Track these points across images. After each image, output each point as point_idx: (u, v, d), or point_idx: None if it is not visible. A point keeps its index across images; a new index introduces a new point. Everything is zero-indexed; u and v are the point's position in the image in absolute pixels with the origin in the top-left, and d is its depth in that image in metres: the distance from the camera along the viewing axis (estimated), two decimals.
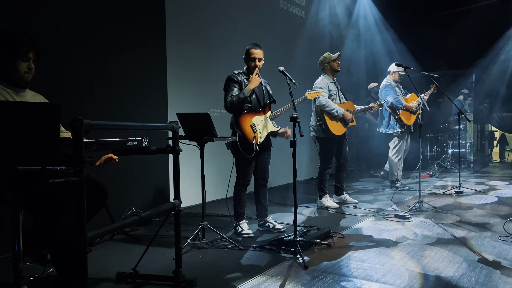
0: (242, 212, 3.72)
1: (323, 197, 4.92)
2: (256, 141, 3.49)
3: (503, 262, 2.84)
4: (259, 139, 3.53)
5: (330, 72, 4.86)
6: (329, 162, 4.91)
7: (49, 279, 2.60)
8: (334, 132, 4.69)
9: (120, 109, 4.16)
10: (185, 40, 4.99)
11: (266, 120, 3.62)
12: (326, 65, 4.85)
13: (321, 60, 4.89)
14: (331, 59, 4.81)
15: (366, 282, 2.52)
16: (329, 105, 4.63)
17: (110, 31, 4.08)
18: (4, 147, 1.62)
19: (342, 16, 8.51)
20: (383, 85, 5.96)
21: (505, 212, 4.39)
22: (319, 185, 4.95)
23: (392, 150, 6.01)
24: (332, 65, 4.82)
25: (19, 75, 2.26)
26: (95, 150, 2.05)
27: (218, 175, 5.27)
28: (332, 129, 4.68)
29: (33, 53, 2.28)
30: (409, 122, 5.83)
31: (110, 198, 2.48)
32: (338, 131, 4.74)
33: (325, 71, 4.88)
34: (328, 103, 4.63)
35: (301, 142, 3.56)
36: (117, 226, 2.15)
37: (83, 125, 1.67)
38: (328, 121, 4.67)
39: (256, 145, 3.47)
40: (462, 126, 8.14)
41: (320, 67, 4.93)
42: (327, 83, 4.77)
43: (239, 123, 3.51)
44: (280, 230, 3.72)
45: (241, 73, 3.67)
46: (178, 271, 2.51)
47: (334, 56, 4.82)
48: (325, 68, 4.87)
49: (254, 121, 3.55)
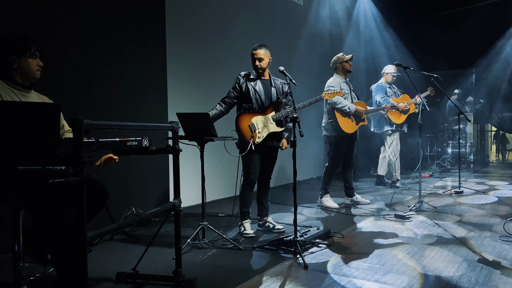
0: (246, 212, 3.72)
1: (323, 196, 4.91)
2: (253, 141, 3.48)
3: (503, 262, 2.84)
4: (257, 139, 3.52)
5: (342, 72, 4.89)
6: (338, 162, 4.88)
7: (49, 279, 2.60)
8: (346, 130, 4.68)
9: (120, 109, 4.15)
10: (185, 40, 4.99)
11: (268, 120, 3.59)
12: (338, 65, 4.89)
13: (334, 60, 4.92)
14: (344, 60, 4.85)
15: (366, 282, 2.52)
16: (340, 102, 4.66)
17: (110, 31, 4.08)
18: (4, 147, 1.62)
19: (342, 16, 8.51)
20: (375, 86, 6.11)
21: (505, 212, 4.39)
22: (323, 185, 4.92)
23: (388, 149, 6.05)
24: (344, 66, 4.86)
25: (32, 72, 2.34)
26: (95, 150, 2.05)
27: (218, 175, 5.27)
28: (344, 127, 4.67)
29: (38, 50, 2.36)
30: (399, 121, 5.90)
31: (110, 198, 2.48)
32: (350, 129, 4.73)
33: (337, 70, 4.91)
34: (339, 100, 4.65)
35: (302, 142, 3.57)
36: (117, 226, 2.15)
37: (83, 125, 1.67)
38: (340, 119, 4.67)
39: (253, 144, 3.46)
40: (462, 126, 8.14)
41: (333, 66, 4.96)
42: (339, 82, 4.80)
43: (237, 122, 3.53)
44: (280, 230, 3.72)
45: (246, 75, 3.67)
46: (178, 271, 2.51)
47: (348, 57, 4.86)
48: (337, 68, 4.91)
49: (253, 120, 3.54)
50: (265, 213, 3.82)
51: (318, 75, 7.49)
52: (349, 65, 4.88)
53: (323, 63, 7.77)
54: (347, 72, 4.92)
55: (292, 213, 3.11)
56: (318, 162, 7.72)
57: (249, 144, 3.45)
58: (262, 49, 3.62)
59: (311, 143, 6.90)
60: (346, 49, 8.25)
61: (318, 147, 7.37)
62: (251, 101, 3.60)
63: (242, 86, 3.62)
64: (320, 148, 7.60)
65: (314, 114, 6.78)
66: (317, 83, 7.33)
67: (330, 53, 7.99)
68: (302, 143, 4.17)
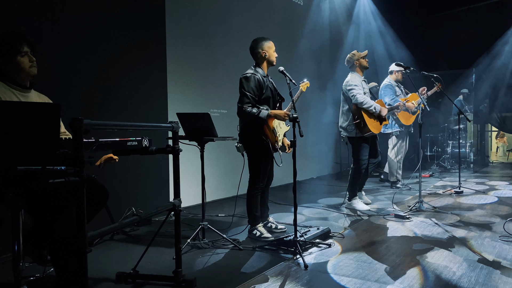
0: (258, 216, 3.60)
1: (352, 198, 4.71)
2: (277, 145, 3.44)
3: (503, 262, 2.84)
4: (280, 143, 3.48)
5: (360, 69, 4.69)
6: (365, 162, 4.67)
7: (49, 279, 2.60)
8: (373, 130, 4.53)
9: (120, 109, 4.15)
10: (185, 40, 4.99)
11: (280, 122, 3.53)
12: (355, 62, 4.66)
13: (350, 58, 4.71)
14: (360, 56, 4.66)
15: (366, 282, 2.52)
16: (367, 101, 4.48)
17: (110, 31, 4.08)
18: (4, 147, 1.62)
19: (342, 16, 8.52)
20: (383, 85, 5.93)
21: (505, 212, 4.39)
22: (352, 187, 4.71)
23: (391, 150, 6.02)
24: (361, 62, 4.66)
25: (27, 70, 2.31)
26: (95, 150, 2.05)
27: (218, 175, 5.27)
28: (371, 127, 4.51)
29: (26, 45, 2.31)
30: (408, 122, 5.78)
31: (110, 198, 2.48)
32: (376, 129, 4.60)
33: (354, 68, 4.69)
34: (365, 99, 4.48)
35: (304, 143, 3.57)
36: (117, 226, 2.15)
37: (83, 125, 1.67)
38: (367, 120, 4.49)
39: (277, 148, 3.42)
40: (462, 126, 8.14)
41: (348, 65, 4.74)
42: (360, 81, 4.62)
43: (265, 131, 3.37)
44: (281, 230, 3.71)
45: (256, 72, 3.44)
46: (178, 271, 2.51)
47: (364, 54, 4.69)
48: (354, 66, 4.69)
49: (274, 124, 3.44)
50: (267, 213, 3.81)
51: (318, 75, 7.50)
52: (366, 61, 4.69)
53: (323, 63, 7.78)
54: (364, 69, 4.72)
55: (292, 213, 3.11)
56: (320, 162, 7.73)
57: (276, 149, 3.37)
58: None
59: (310, 143, 6.91)
60: (346, 49, 8.26)
61: (318, 147, 7.38)
62: (269, 102, 3.44)
63: (263, 85, 3.39)
64: (321, 148, 7.61)
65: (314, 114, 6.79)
66: (317, 84, 7.34)
67: (330, 53, 8.04)
68: (302, 143, 4.18)
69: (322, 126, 7.46)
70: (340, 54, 8.09)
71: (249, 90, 3.32)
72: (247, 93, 3.31)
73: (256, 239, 3.49)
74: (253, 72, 3.40)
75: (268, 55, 3.50)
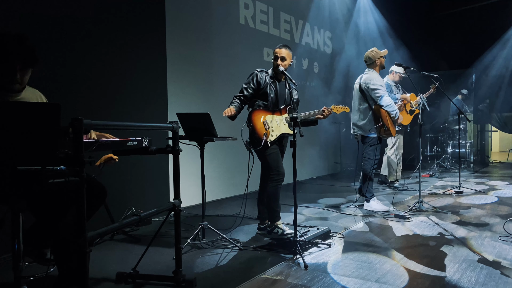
0: (279, 211, 3.60)
1: (371, 200, 4.59)
2: (267, 138, 3.46)
3: (503, 262, 2.84)
4: (271, 137, 3.50)
5: (379, 68, 4.62)
6: (377, 162, 4.63)
7: (49, 279, 2.60)
8: (393, 133, 4.51)
9: (120, 109, 4.15)
10: (185, 40, 4.99)
11: (282, 121, 3.57)
12: (377, 60, 4.57)
13: (372, 55, 4.59)
14: (381, 55, 4.58)
15: (366, 282, 2.52)
16: (392, 105, 4.41)
17: (110, 31, 4.08)
18: (4, 147, 1.62)
19: (342, 16, 8.51)
20: None
21: (505, 212, 4.39)
22: (367, 187, 4.59)
23: (390, 149, 6.03)
24: (382, 61, 4.61)
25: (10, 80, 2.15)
26: (95, 150, 2.06)
27: (218, 175, 5.27)
28: (391, 129, 4.47)
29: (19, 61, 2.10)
30: (406, 122, 5.75)
31: (110, 198, 2.48)
32: (394, 132, 4.56)
33: (373, 66, 4.59)
34: (392, 103, 4.41)
35: (303, 143, 3.57)
36: (117, 226, 2.15)
37: (83, 125, 1.67)
38: (390, 123, 4.45)
39: (266, 141, 3.43)
40: (462, 126, 8.14)
41: (369, 62, 4.62)
42: (383, 81, 4.51)
43: (252, 118, 3.50)
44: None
45: (265, 72, 3.61)
46: (178, 271, 2.51)
47: (384, 53, 4.62)
48: (374, 63, 4.58)
49: (267, 118, 3.51)
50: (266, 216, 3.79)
51: (317, 76, 7.50)
52: (384, 60, 4.65)
53: (323, 63, 7.78)
54: (382, 68, 4.67)
55: (292, 213, 3.11)
56: (321, 162, 7.73)
57: (263, 140, 3.42)
58: (286, 49, 3.55)
59: (310, 143, 6.91)
60: (346, 49, 8.26)
61: (318, 147, 7.38)
62: (266, 99, 3.55)
63: (261, 82, 3.55)
64: (321, 148, 7.60)
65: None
66: (317, 83, 7.34)
67: (330, 54, 8.04)
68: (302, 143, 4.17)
69: (322, 126, 7.46)
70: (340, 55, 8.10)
71: (244, 83, 3.60)
72: (242, 85, 3.60)
73: (278, 238, 3.46)
74: (262, 70, 3.63)
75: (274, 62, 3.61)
